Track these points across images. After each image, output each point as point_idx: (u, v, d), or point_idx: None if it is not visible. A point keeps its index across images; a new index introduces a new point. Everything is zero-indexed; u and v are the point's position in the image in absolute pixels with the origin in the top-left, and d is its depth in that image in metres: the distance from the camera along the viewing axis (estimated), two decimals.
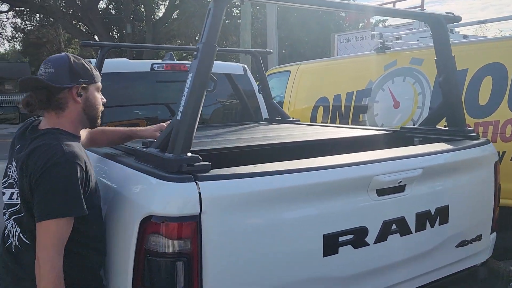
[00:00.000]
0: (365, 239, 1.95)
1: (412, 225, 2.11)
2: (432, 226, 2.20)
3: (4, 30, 33.44)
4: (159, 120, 4.00)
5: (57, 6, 24.72)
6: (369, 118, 4.61)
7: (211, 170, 1.69)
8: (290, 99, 5.67)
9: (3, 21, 32.58)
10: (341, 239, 1.87)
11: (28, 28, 33.93)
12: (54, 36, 34.25)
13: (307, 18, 23.49)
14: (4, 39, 37.88)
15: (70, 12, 26.33)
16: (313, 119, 5.23)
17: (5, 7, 29.45)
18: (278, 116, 4.25)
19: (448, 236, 2.30)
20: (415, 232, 2.13)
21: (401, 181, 2.01)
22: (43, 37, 35.21)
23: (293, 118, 4.24)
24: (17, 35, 36.60)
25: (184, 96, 1.80)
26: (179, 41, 26.99)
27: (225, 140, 2.79)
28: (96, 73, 1.83)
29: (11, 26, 32.98)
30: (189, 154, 1.73)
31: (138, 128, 2.43)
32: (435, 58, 2.69)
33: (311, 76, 5.50)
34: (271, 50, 4.55)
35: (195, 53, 1.81)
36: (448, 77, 2.64)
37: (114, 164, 2.10)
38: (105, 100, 1.92)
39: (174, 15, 25.73)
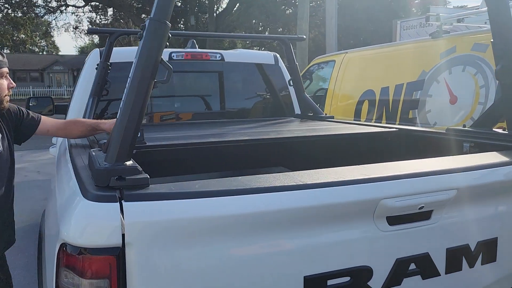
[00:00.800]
0: (368, 283, 1.44)
1: (440, 264, 1.56)
2: (471, 266, 1.63)
3: (81, 24, 35.36)
4: (175, 115, 3.70)
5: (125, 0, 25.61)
6: (420, 116, 3.95)
7: (152, 186, 1.29)
8: (334, 92, 5.11)
9: (80, 15, 34.51)
10: (331, 282, 1.38)
11: (103, 22, 35.72)
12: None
13: (372, 5, 22.19)
14: (81, 33, 40.31)
15: (137, 6, 27.19)
16: (357, 115, 4.64)
17: (81, 2, 31.18)
18: (310, 111, 3.74)
19: (496, 278, 1.71)
20: (445, 274, 1.57)
21: (422, 206, 1.46)
22: None
23: (325, 114, 3.71)
24: None
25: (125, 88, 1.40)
26: (241, 33, 26.87)
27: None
28: (2, 59, 1.91)
29: (87, 21, 34.81)
30: (128, 163, 1.33)
31: (100, 120, 2.31)
32: (491, 40, 2.07)
33: (357, 66, 4.89)
34: (304, 36, 4.02)
35: (140, 31, 1.41)
36: (509, 65, 2.01)
37: (66, 162, 1.78)
38: (13, 85, 1.98)
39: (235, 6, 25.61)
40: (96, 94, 3.13)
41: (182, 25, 30.08)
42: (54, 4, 33.06)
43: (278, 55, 4.01)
